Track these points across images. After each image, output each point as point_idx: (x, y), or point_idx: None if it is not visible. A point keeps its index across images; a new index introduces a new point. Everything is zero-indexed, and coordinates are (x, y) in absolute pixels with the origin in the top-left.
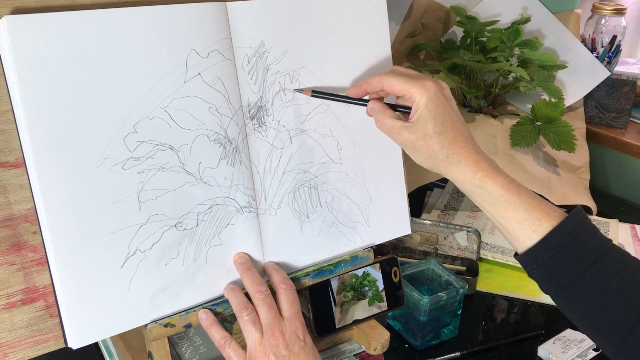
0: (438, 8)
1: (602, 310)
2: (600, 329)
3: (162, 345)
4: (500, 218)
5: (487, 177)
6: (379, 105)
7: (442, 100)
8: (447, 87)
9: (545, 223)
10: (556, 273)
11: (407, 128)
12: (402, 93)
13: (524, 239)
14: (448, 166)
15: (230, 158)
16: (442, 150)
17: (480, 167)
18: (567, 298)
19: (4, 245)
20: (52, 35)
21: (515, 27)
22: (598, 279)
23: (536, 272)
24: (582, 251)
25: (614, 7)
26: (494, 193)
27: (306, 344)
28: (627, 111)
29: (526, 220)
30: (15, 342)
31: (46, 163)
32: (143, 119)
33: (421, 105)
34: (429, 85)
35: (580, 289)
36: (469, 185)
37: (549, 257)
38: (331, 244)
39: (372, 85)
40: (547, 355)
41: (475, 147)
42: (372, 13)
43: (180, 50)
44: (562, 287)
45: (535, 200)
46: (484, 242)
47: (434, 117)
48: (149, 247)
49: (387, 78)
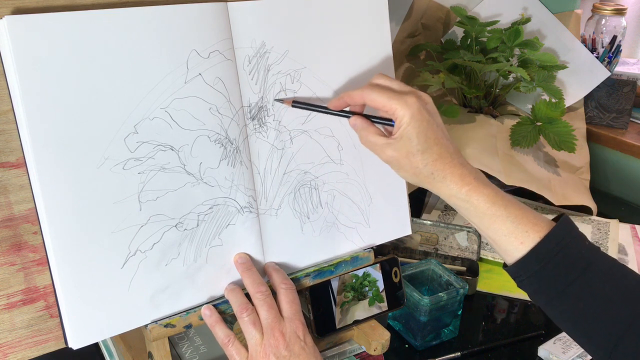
0: (438, 8)
1: (592, 319)
2: (591, 338)
3: (162, 345)
4: (488, 230)
5: (472, 191)
6: (361, 121)
7: (425, 116)
8: (430, 101)
9: (532, 234)
10: (545, 283)
11: (390, 145)
12: (384, 109)
13: (511, 251)
14: (433, 182)
15: (231, 158)
16: (425, 167)
17: (465, 181)
18: (557, 308)
19: (4, 245)
20: (52, 35)
21: (515, 27)
22: (587, 287)
23: (525, 283)
24: (570, 260)
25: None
26: (480, 207)
27: (306, 343)
28: (627, 111)
29: (513, 232)
30: (15, 342)
31: (46, 163)
32: (143, 119)
33: (404, 123)
34: (411, 101)
35: (570, 299)
36: (454, 200)
37: (537, 267)
38: (331, 244)
39: (354, 98)
40: (547, 355)
41: (460, 161)
42: (373, 13)
43: (180, 51)
44: (551, 298)
45: (521, 212)
46: (484, 242)
47: (417, 134)
48: (149, 247)
49: (369, 93)
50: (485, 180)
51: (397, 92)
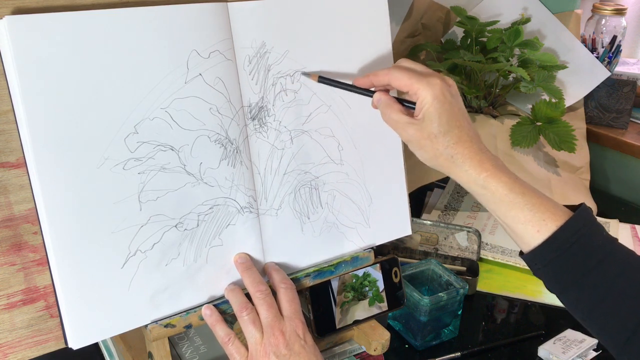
0: (438, 8)
1: (606, 311)
2: (604, 329)
3: (162, 345)
4: (505, 217)
5: (491, 177)
6: (386, 97)
7: (448, 98)
8: (453, 84)
9: (549, 223)
10: (561, 272)
11: (412, 124)
12: (407, 88)
13: (528, 239)
14: (452, 166)
15: (231, 158)
16: (446, 149)
17: (484, 167)
18: (571, 297)
19: (4, 245)
20: (52, 35)
21: (515, 27)
22: (603, 278)
23: (541, 272)
24: (587, 251)
25: (614, 7)
26: (497, 193)
27: (306, 342)
28: (627, 111)
29: (530, 220)
30: (15, 342)
31: (46, 163)
32: (144, 119)
33: (426, 103)
34: (434, 82)
35: (585, 289)
36: (472, 185)
37: (553, 256)
38: (331, 245)
39: (379, 77)
40: (547, 355)
41: (480, 147)
42: (373, 13)
43: (181, 51)
44: (566, 287)
45: (539, 200)
46: (484, 242)
47: (439, 115)
48: (149, 247)
49: (394, 72)
50: (504, 167)
51: (421, 73)
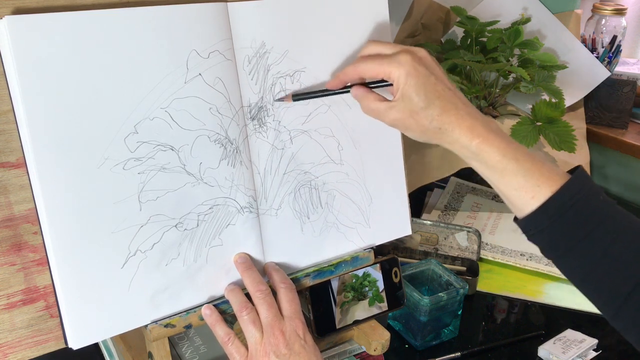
0: (438, 8)
1: (601, 276)
2: (600, 294)
3: (162, 345)
4: (498, 184)
5: (483, 143)
6: (361, 90)
7: (421, 71)
8: (425, 55)
9: (544, 189)
10: (555, 239)
11: (392, 107)
12: (379, 75)
13: (522, 205)
14: (442, 137)
15: (231, 158)
16: (431, 123)
17: (475, 132)
18: (566, 263)
19: (4, 245)
20: (52, 35)
21: (515, 27)
22: (598, 244)
23: (535, 238)
24: (582, 216)
25: (614, 7)
26: (490, 160)
27: (306, 342)
28: (627, 111)
29: (524, 186)
30: (15, 342)
31: (46, 163)
32: (143, 119)
33: (400, 83)
34: (404, 59)
35: (580, 255)
36: (465, 152)
37: (548, 223)
38: (331, 244)
39: (349, 74)
40: (547, 355)
41: (468, 111)
42: (373, 13)
43: (180, 51)
44: (562, 253)
45: (534, 165)
46: (484, 242)
47: (416, 91)
48: (149, 247)
49: (361, 64)
50: (498, 131)
51: (389, 55)
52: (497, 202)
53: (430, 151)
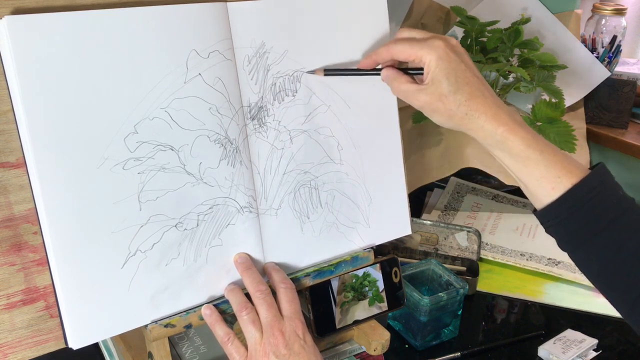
0: (438, 8)
1: (616, 270)
2: (614, 289)
3: (162, 345)
4: (519, 173)
5: (508, 132)
6: (392, 71)
7: (452, 57)
8: (456, 43)
9: (564, 180)
10: (573, 231)
11: (422, 90)
12: (411, 57)
13: (542, 196)
14: (468, 123)
15: (231, 158)
16: (459, 107)
17: (500, 121)
18: (582, 256)
19: (4, 245)
20: (52, 35)
21: (515, 27)
22: (615, 238)
23: (553, 230)
24: (600, 210)
25: (614, 7)
26: (514, 148)
27: (306, 342)
28: (627, 111)
29: (545, 176)
30: (15, 342)
31: (46, 163)
32: (143, 119)
33: (432, 66)
34: (436, 44)
35: (596, 248)
36: (490, 140)
37: (566, 215)
38: (331, 244)
39: (381, 55)
40: (547, 355)
41: (494, 100)
42: (373, 13)
43: (180, 50)
44: (578, 245)
45: (556, 157)
46: (484, 242)
47: (446, 75)
48: (149, 247)
49: (394, 46)
50: (522, 122)
51: (422, 39)
52: (497, 202)
53: (430, 151)
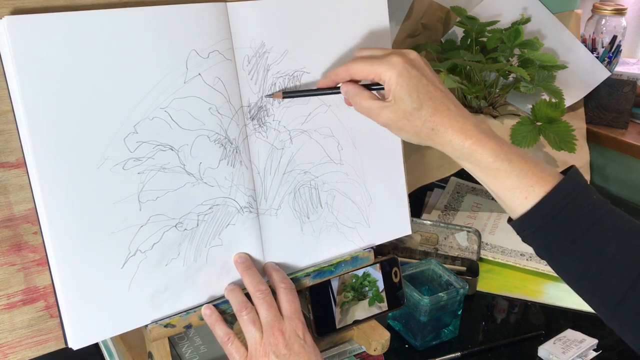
0: (438, 8)
1: (596, 276)
2: (595, 295)
3: (162, 345)
4: (491, 185)
5: (476, 145)
6: (353, 87)
7: (413, 72)
8: (416, 57)
9: (537, 189)
10: (550, 239)
11: (385, 107)
12: (371, 76)
13: (515, 206)
14: (435, 138)
15: (231, 158)
16: (425, 124)
17: (467, 134)
18: (561, 264)
19: (4, 245)
20: (52, 36)
21: (515, 27)
22: (592, 244)
23: (529, 239)
24: (576, 216)
25: (614, 7)
26: (484, 160)
27: (306, 342)
28: (627, 111)
29: (517, 186)
30: (15, 342)
31: (46, 163)
32: (143, 119)
33: (392, 84)
34: (395, 60)
35: (574, 255)
36: (458, 154)
37: (542, 223)
38: (331, 244)
39: (340, 74)
40: (547, 355)
41: (459, 112)
42: (373, 13)
43: (180, 51)
44: (556, 254)
45: (527, 165)
46: (484, 242)
47: (408, 92)
48: (149, 247)
49: (353, 65)
50: (490, 132)
51: (380, 56)
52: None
53: (430, 151)
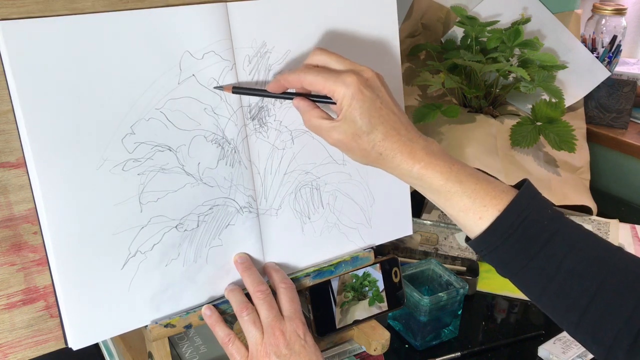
0: (438, 8)
1: (557, 292)
2: (558, 309)
3: (162, 345)
4: (445, 207)
5: (424, 169)
6: (304, 103)
7: (367, 94)
8: (371, 76)
9: (490, 209)
10: (508, 258)
11: (335, 128)
12: (324, 92)
13: (470, 227)
14: (383, 162)
15: (229, 158)
16: (373, 148)
17: (415, 158)
18: (522, 281)
19: (4, 245)
20: (47, 39)
21: (515, 27)
22: (550, 260)
23: (488, 258)
24: (532, 233)
25: (614, 7)
26: (434, 184)
27: (307, 342)
28: (627, 111)
29: (470, 207)
30: (15, 342)
31: (46, 165)
32: (139, 120)
33: (344, 105)
34: (349, 80)
35: (534, 272)
36: (407, 179)
37: (498, 243)
38: (332, 245)
39: (291, 82)
40: (547, 355)
41: (409, 136)
42: (380, 11)
43: (173, 52)
44: (516, 271)
45: (479, 185)
46: None
47: (360, 115)
48: (149, 248)
49: (305, 75)
50: (440, 153)
51: (335, 71)
52: None
53: None
